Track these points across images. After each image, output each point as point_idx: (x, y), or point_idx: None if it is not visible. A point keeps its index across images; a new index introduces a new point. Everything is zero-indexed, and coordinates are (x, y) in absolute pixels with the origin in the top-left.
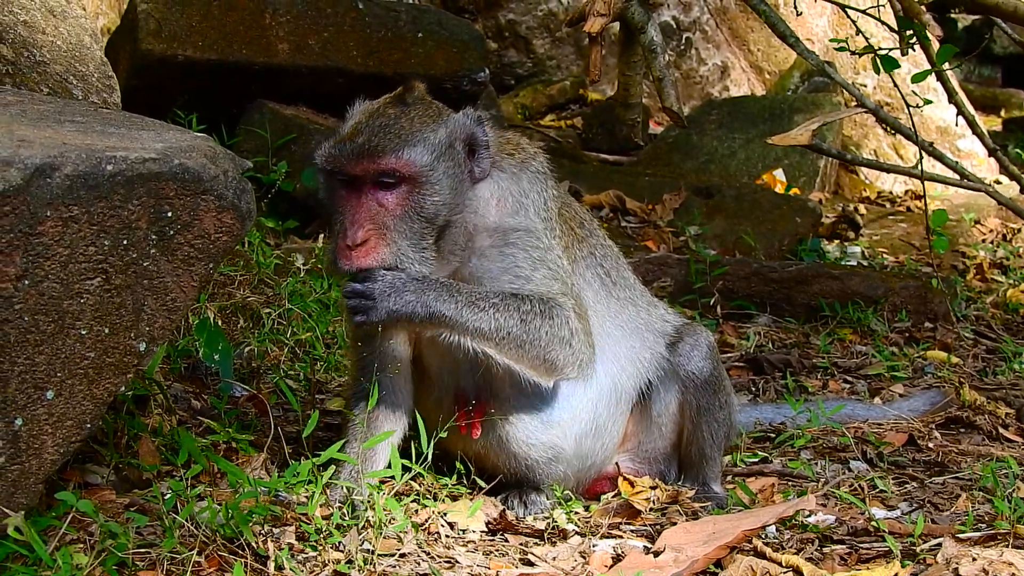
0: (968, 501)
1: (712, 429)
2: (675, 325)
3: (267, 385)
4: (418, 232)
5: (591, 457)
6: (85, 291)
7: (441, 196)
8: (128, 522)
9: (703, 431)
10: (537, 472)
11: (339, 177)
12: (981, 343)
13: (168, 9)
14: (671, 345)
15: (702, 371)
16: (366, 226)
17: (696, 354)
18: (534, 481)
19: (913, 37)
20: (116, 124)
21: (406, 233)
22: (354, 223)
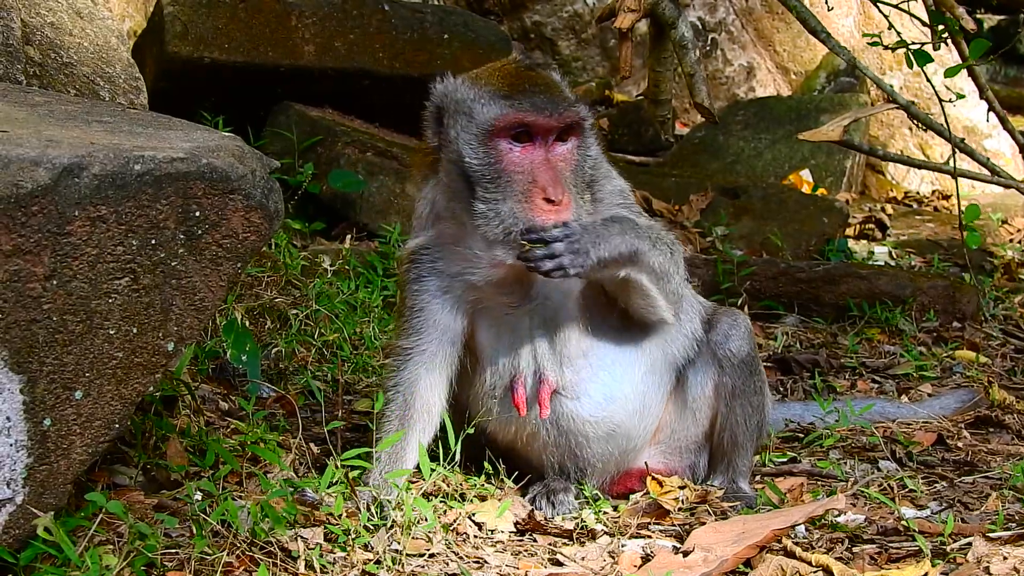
0: (998, 500)
1: (746, 414)
2: (709, 308)
3: (295, 386)
4: (581, 186)
5: (635, 439)
6: (113, 291)
7: (595, 151)
8: (157, 523)
9: (737, 414)
10: (586, 452)
11: (520, 133)
12: (1010, 342)
13: (194, 12)
14: (707, 324)
15: (740, 351)
16: (559, 181)
17: (734, 333)
18: (577, 464)
19: (945, 31)
20: (144, 124)
21: (578, 186)
22: (551, 179)
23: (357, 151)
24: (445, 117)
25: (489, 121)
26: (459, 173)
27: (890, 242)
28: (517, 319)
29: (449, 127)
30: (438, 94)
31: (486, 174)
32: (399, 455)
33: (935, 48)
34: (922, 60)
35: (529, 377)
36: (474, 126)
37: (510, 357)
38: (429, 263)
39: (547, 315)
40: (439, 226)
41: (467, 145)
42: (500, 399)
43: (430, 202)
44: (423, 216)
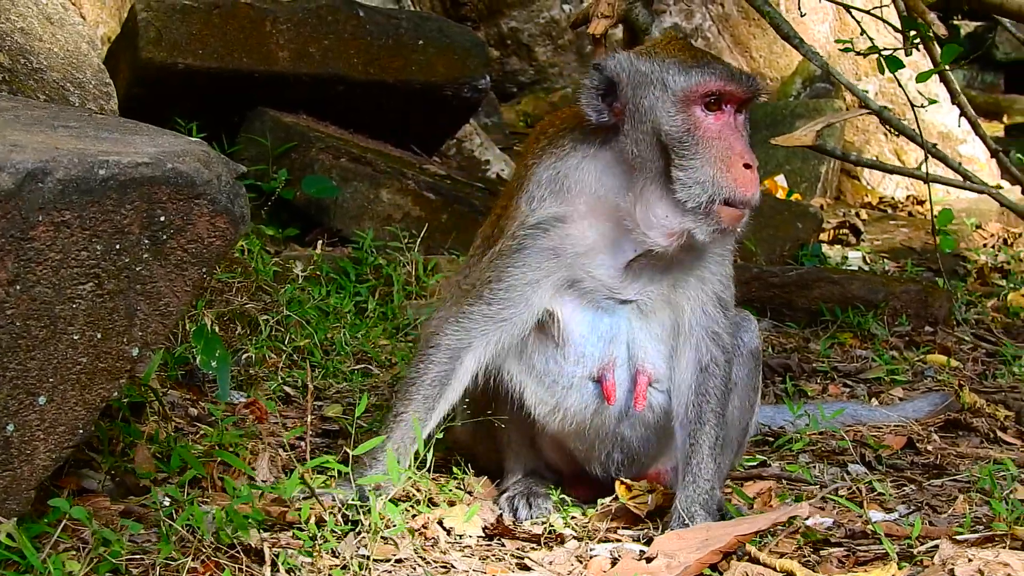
0: (966, 503)
1: (743, 407)
2: None
3: (265, 392)
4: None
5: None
6: (77, 296)
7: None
8: (122, 529)
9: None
10: (646, 446)
11: (711, 101)
12: (981, 346)
13: (168, 17)
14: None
15: (751, 343)
16: (750, 148)
17: (747, 326)
18: (628, 457)
19: (917, 37)
20: (110, 129)
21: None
22: (745, 146)
23: (331, 157)
24: (624, 90)
25: (687, 89)
26: (651, 144)
27: (864, 247)
28: (615, 307)
29: (639, 98)
30: (611, 69)
31: (685, 141)
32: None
33: (907, 54)
34: (894, 66)
35: (622, 367)
36: (670, 94)
37: (602, 345)
38: (544, 237)
39: (647, 308)
40: (568, 202)
41: (665, 113)
42: (576, 387)
43: (554, 177)
44: (542, 189)
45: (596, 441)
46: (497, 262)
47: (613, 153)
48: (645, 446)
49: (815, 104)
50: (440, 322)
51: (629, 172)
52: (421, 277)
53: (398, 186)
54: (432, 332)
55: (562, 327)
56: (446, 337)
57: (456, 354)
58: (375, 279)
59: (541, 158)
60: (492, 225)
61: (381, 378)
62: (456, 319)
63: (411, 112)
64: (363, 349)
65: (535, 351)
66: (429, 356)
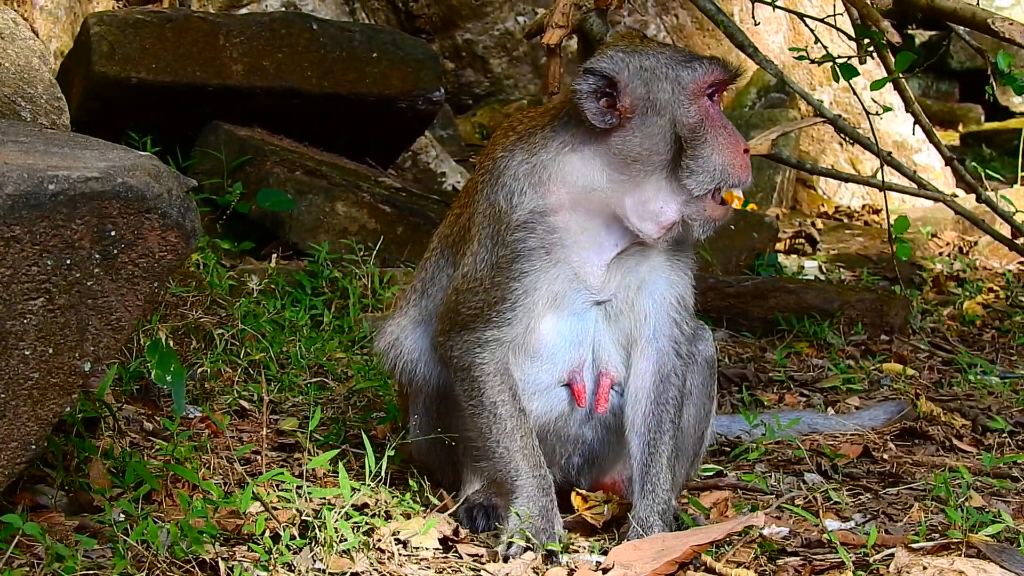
0: (921, 511)
1: (699, 417)
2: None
3: (221, 406)
4: None
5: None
6: (28, 311)
7: None
8: (77, 544)
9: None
10: (606, 449)
11: (721, 85)
12: (937, 355)
13: (121, 32)
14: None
15: (705, 351)
16: None
17: (703, 335)
18: (590, 461)
19: (871, 45)
20: (59, 144)
21: None
22: (735, 131)
23: (286, 170)
24: (629, 87)
25: (697, 80)
26: (665, 136)
27: (820, 256)
28: (586, 310)
29: (653, 93)
30: (609, 69)
31: (698, 131)
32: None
33: (861, 62)
34: (848, 74)
35: (588, 369)
36: (683, 87)
37: (572, 349)
38: (533, 237)
39: (613, 309)
40: (549, 193)
41: (680, 106)
42: (546, 391)
43: (531, 170)
44: (521, 182)
45: (558, 444)
46: (498, 279)
47: (598, 146)
48: (605, 448)
49: (770, 114)
50: (466, 349)
51: (620, 165)
52: (377, 290)
53: (353, 199)
54: (474, 381)
55: (538, 335)
56: (483, 363)
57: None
58: (331, 292)
59: (514, 152)
60: (451, 225)
61: (337, 391)
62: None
63: (366, 125)
64: (319, 362)
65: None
66: (496, 410)
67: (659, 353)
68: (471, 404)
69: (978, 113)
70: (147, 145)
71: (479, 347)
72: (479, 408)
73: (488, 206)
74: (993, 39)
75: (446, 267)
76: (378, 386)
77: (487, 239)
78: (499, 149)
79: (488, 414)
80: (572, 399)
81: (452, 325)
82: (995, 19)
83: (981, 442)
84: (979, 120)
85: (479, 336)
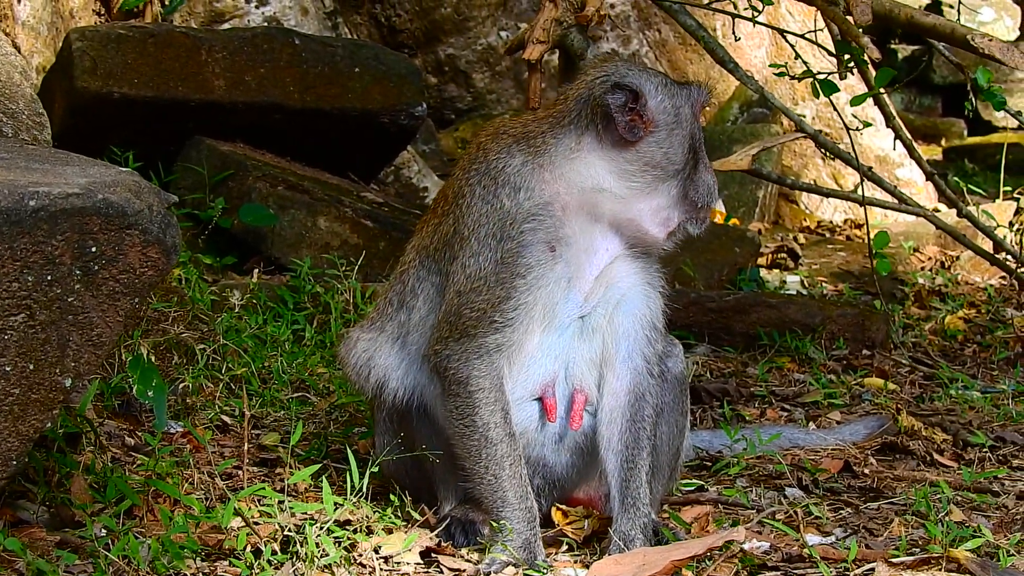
0: (902, 526)
1: (671, 434)
2: None
3: (202, 421)
4: None
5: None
6: (9, 327)
7: None
8: (58, 560)
9: (662, 431)
10: (578, 473)
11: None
12: (918, 369)
13: (103, 47)
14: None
15: (675, 368)
16: None
17: (674, 352)
18: (556, 480)
19: (851, 61)
20: (40, 160)
21: None
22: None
23: (268, 185)
24: (655, 101)
25: (701, 100)
26: (684, 149)
27: (802, 271)
28: (564, 325)
29: (678, 107)
30: (637, 84)
31: (700, 148)
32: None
33: (841, 77)
34: (828, 90)
35: (561, 386)
36: (693, 105)
37: (547, 363)
38: (541, 230)
39: (590, 325)
40: (551, 188)
41: (694, 122)
42: (518, 406)
43: (533, 168)
44: (522, 179)
45: (553, 465)
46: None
47: (607, 152)
48: (570, 471)
49: (752, 129)
50: (465, 358)
51: (635, 171)
52: (359, 304)
53: (336, 214)
54: (463, 377)
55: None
56: (481, 376)
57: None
58: (313, 307)
59: (513, 153)
60: (430, 235)
61: (319, 406)
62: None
63: (348, 139)
64: (300, 377)
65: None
66: (487, 420)
67: (633, 372)
68: (462, 424)
69: (961, 128)
70: (129, 160)
71: (478, 357)
72: (470, 429)
73: (486, 205)
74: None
75: (428, 277)
76: (359, 401)
77: (488, 237)
78: (492, 152)
79: (479, 437)
80: (543, 414)
81: (451, 332)
82: (974, 35)
83: (962, 457)
84: (962, 135)
85: (479, 343)
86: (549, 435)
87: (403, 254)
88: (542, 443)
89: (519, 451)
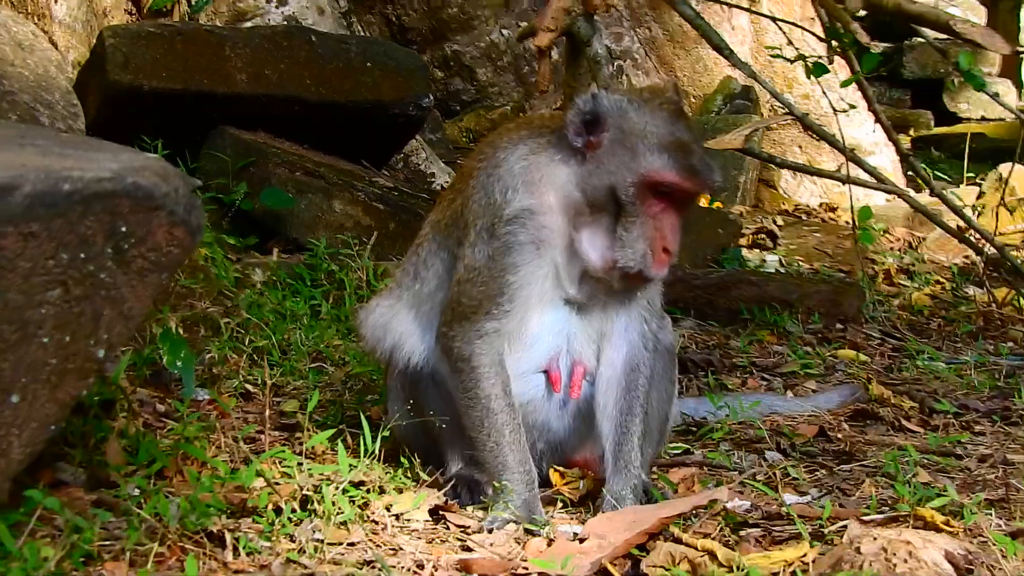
0: (872, 486)
1: (660, 399)
2: None
3: (227, 389)
4: None
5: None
6: (46, 302)
7: None
8: (94, 517)
9: (652, 398)
10: (579, 437)
11: (676, 190)
12: (888, 342)
13: (134, 43)
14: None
15: (665, 339)
16: (678, 235)
17: (664, 325)
18: (559, 442)
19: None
20: (74, 147)
21: None
22: (674, 233)
23: (287, 171)
24: (604, 132)
25: (650, 171)
26: (606, 192)
27: (780, 251)
28: (561, 304)
29: (612, 152)
30: (603, 107)
31: (630, 211)
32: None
33: (830, 61)
34: (819, 71)
35: (563, 359)
36: (636, 167)
37: (551, 339)
38: (523, 232)
39: (585, 308)
40: (539, 195)
41: (623, 180)
42: (526, 377)
43: (526, 168)
44: (516, 179)
45: (531, 429)
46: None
47: (579, 167)
48: (571, 435)
49: (735, 119)
50: (467, 339)
51: (589, 191)
52: (372, 281)
53: (349, 197)
54: (466, 355)
55: (524, 326)
56: (483, 372)
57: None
58: (328, 284)
59: (517, 146)
60: (443, 210)
61: (334, 375)
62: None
63: (361, 129)
64: (318, 349)
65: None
66: (489, 399)
67: (629, 345)
68: (466, 396)
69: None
70: (158, 148)
71: (479, 338)
72: (474, 401)
73: (484, 195)
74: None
75: (439, 251)
76: (373, 371)
77: (483, 231)
78: (504, 139)
79: (481, 407)
80: (548, 385)
81: (454, 317)
82: (956, 21)
83: (928, 423)
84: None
85: (479, 327)
86: (554, 403)
87: (421, 227)
88: (547, 410)
89: (518, 420)
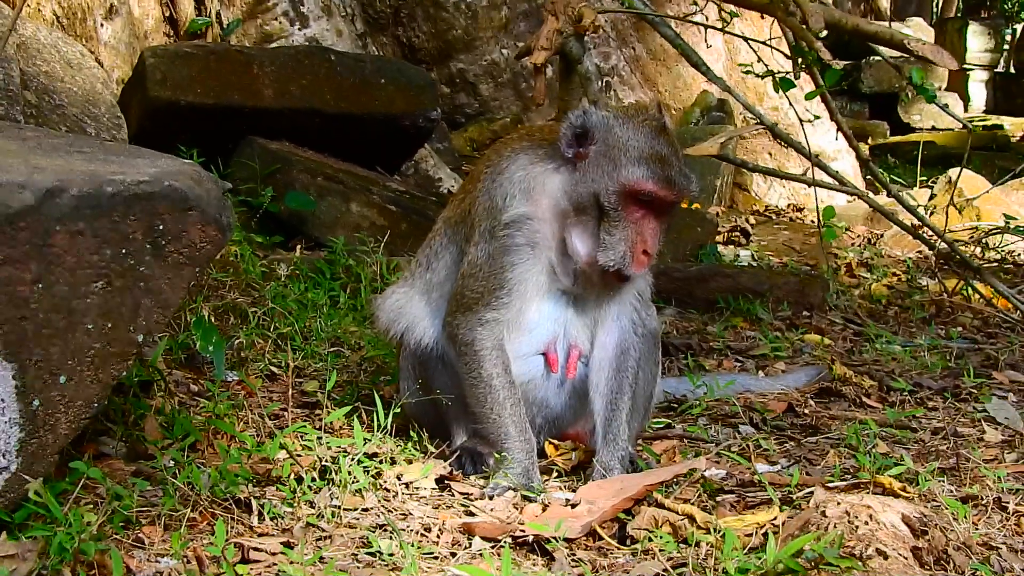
0: (836, 456)
1: (646, 379)
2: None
3: (254, 371)
4: None
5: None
6: (91, 293)
7: None
8: (133, 486)
9: (639, 378)
10: (574, 413)
11: (655, 198)
12: (849, 328)
13: (172, 62)
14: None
15: (650, 324)
16: (658, 239)
17: (651, 311)
18: (555, 418)
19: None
20: (117, 153)
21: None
22: (654, 238)
23: (309, 176)
24: (591, 144)
25: (630, 181)
26: (590, 199)
27: (753, 246)
28: (559, 294)
29: (597, 163)
30: (591, 123)
31: (613, 217)
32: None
33: (796, 76)
34: (786, 86)
35: (561, 343)
36: (617, 177)
37: (549, 325)
38: (519, 235)
39: (582, 297)
40: (534, 203)
41: (606, 188)
42: (526, 359)
43: (524, 178)
44: (515, 187)
45: (531, 405)
46: (495, 269)
47: (570, 176)
48: (566, 411)
49: (711, 129)
50: (470, 327)
51: (576, 198)
52: (384, 275)
53: (365, 200)
54: (470, 352)
55: (523, 315)
56: (485, 356)
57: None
58: (346, 277)
59: (519, 156)
60: (455, 208)
61: (351, 358)
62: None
63: (375, 139)
64: (336, 335)
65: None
66: (489, 381)
67: (620, 330)
68: (470, 377)
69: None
70: (193, 156)
71: (481, 326)
72: (477, 380)
73: (487, 199)
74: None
75: (449, 245)
76: (385, 354)
77: (486, 232)
78: (508, 148)
79: (484, 385)
80: (547, 366)
81: (459, 307)
82: (910, 39)
83: (886, 399)
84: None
85: (480, 316)
86: (552, 382)
87: (435, 222)
88: (546, 388)
89: (518, 395)
